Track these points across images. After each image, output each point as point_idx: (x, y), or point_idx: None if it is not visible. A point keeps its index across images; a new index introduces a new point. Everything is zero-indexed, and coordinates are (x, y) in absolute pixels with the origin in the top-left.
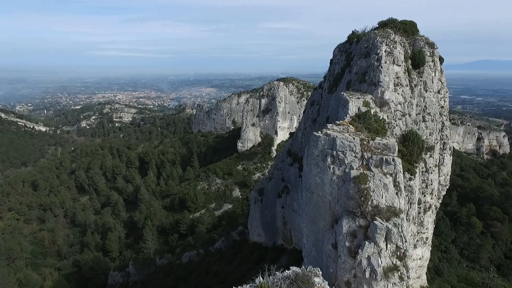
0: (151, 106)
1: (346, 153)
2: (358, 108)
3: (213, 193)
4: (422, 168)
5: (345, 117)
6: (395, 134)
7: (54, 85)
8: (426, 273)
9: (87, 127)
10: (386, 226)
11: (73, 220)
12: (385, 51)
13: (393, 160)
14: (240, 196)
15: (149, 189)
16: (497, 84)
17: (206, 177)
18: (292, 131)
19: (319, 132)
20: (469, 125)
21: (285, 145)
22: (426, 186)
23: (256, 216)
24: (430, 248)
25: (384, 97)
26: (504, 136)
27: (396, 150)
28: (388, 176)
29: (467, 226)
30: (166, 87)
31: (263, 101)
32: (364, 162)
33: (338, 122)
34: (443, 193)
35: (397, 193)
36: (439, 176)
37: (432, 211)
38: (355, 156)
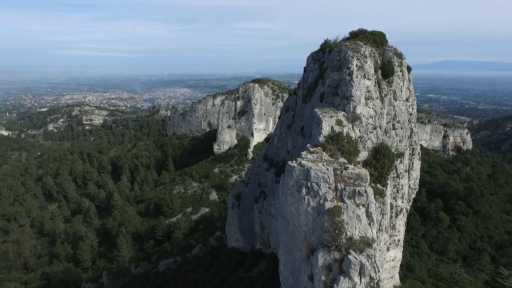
0: (124, 108)
1: (320, 184)
2: (331, 127)
3: (190, 197)
4: (393, 174)
5: (319, 137)
6: (367, 147)
7: (17, 86)
8: (398, 271)
9: (55, 130)
10: (359, 261)
11: (40, 229)
12: (356, 66)
13: (365, 191)
14: (217, 199)
15: (123, 195)
16: (460, 83)
17: (182, 181)
18: (268, 132)
19: (294, 162)
20: (435, 123)
21: (261, 150)
22: (397, 191)
23: (234, 221)
24: (402, 249)
25: (356, 112)
26: (467, 133)
27: (368, 179)
28: (361, 207)
29: (435, 220)
30: (139, 88)
31: (239, 103)
32: (338, 193)
33: (312, 149)
34: (413, 196)
35: (369, 223)
36: (409, 181)
37: (403, 214)
38: (329, 187)
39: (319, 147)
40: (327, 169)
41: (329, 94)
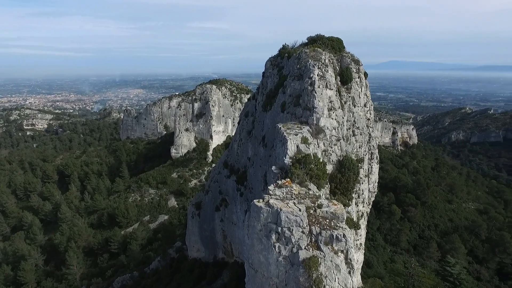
0: (71, 111)
1: (292, 229)
2: (297, 146)
3: (147, 205)
4: None
5: (284, 158)
6: (332, 160)
7: None
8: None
9: None
10: None
11: None
12: (317, 75)
13: (344, 236)
14: (177, 206)
15: (72, 206)
16: (405, 82)
17: (138, 188)
18: (228, 134)
19: (261, 201)
20: (385, 121)
21: (221, 156)
22: (358, 196)
23: (195, 231)
24: (363, 251)
25: (319, 124)
26: (412, 128)
27: (345, 217)
28: (339, 254)
29: (388, 213)
30: (87, 89)
31: (196, 105)
32: (313, 239)
33: (280, 183)
34: (373, 199)
35: (349, 272)
36: (368, 185)
37: (364, 218)
38: (303, 232)
39: (288, 179)
40: (300, 210)
41: (291, 104)
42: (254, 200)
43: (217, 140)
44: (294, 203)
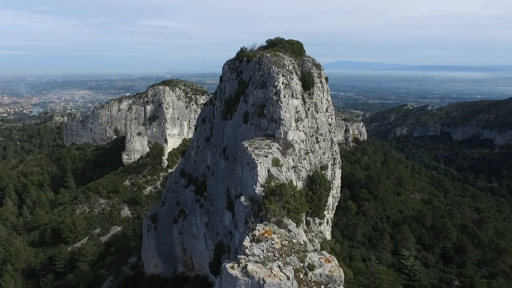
0: (5, 115)
1: None
2: (268, 170)
3: (97, 216)
4: None
5: (255, 187)
6: (302, 177)
7: None
8: None
9: None
10: None
11: None
12: (282, 83)
13: None
14: (131, 215)
15: (7, 223)
16: (353, 81)
17: (86, 198)
18: (183, 137)
19: (235, 267)
20: (338, 119)
21: (177, 165)
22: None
23: (151, 245)
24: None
25: (288, 138)
26: (362, 125)
27: (342, 279)
28: None
29: (344, 209)
30: (25, 91)
31: (148, 107)
32: None
33: (257, 234)
34: (336, 204)
35: None
36: (332, 190)
37: (329, 224)
38: None
39: (268, 228)
40: (288, 279)
41: (254, 114)
42: (227, 265)
43: (173, 143)
44: (279, 266)
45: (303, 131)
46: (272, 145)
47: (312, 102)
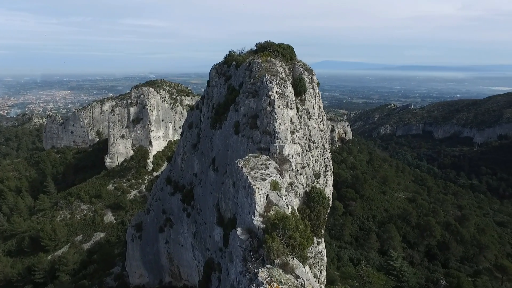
0: None
1: None
2: (267, 196)
3: (79, 223)
4: None
5: (253, 217)
6: (299, 194)
7: None
8: None
9: None
10: None
11: None
12: (276, 92)
13: None
14: (114, 221)
15: None
16: (338, 81)
17: (67, 204)
18: (169, 139)
19: None
20: None
21: (163, 172)
22: None
23: (135, 255)
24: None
25: (283, 153)
26: (347, 125)
27: None
28: None
29: (332, 209)
30: (1, 91)
31: (132, 109)
32: None
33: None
34: (328, 210)
35: None
36: None
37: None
38: None
39: (276, 285)
40: None
41: (246, 125)
42: None
43: (158, 146)
44: None
45: (298, 143)
46: (269, 164)
47: (304, 109)
